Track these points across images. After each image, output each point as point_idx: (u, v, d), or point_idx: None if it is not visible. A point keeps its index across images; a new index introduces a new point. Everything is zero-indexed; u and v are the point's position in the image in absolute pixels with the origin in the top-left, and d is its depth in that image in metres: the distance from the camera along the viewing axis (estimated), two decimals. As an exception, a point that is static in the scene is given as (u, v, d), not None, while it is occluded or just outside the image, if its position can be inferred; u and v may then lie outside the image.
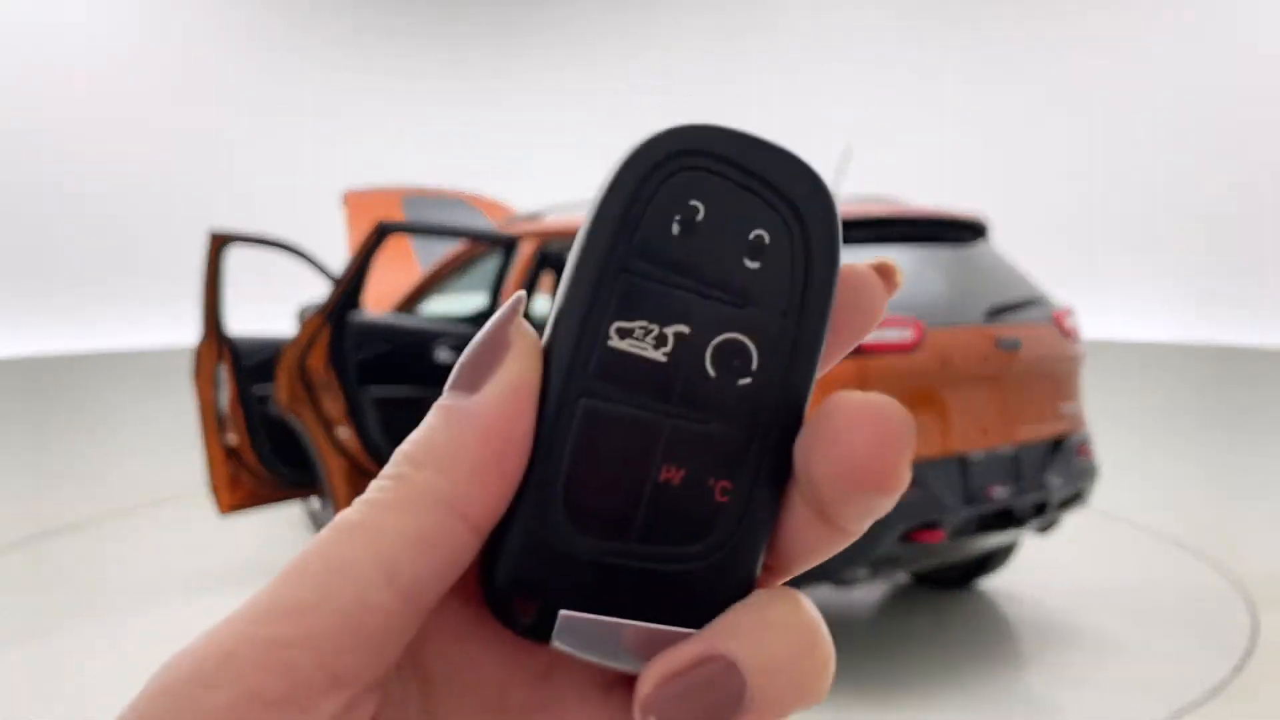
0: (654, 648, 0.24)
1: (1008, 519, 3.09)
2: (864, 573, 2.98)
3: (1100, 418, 4.56)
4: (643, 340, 0.24)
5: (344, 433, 3.53)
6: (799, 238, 0.25)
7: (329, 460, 3.54)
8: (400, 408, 3.77)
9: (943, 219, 3.46)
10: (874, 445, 0.23)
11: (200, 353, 3.81)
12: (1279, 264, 12.80)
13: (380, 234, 3.43)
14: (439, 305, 4.51)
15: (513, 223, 4.40)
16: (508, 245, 3.95)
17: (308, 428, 3.55)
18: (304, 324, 3.58)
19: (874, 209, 3.37)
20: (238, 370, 3.80)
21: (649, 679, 0.24)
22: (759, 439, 0.24)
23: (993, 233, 3.68)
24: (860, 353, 2.89)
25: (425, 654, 0.25)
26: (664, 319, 0.24)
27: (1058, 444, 3.30)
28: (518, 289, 3.10)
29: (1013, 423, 3.16)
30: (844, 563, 2.88)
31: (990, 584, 3.85)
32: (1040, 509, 3.17)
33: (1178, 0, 13.49)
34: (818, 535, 0.25)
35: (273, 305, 8.65)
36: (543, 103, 16.09)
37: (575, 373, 0.24)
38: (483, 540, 0.24)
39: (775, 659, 0.23)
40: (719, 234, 0.25)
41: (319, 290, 5.66)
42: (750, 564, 0.25)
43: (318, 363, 3.51)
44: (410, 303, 4.46)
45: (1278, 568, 4.07)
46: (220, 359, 3.80)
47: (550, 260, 3.56)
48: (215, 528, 4.51)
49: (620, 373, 0.24)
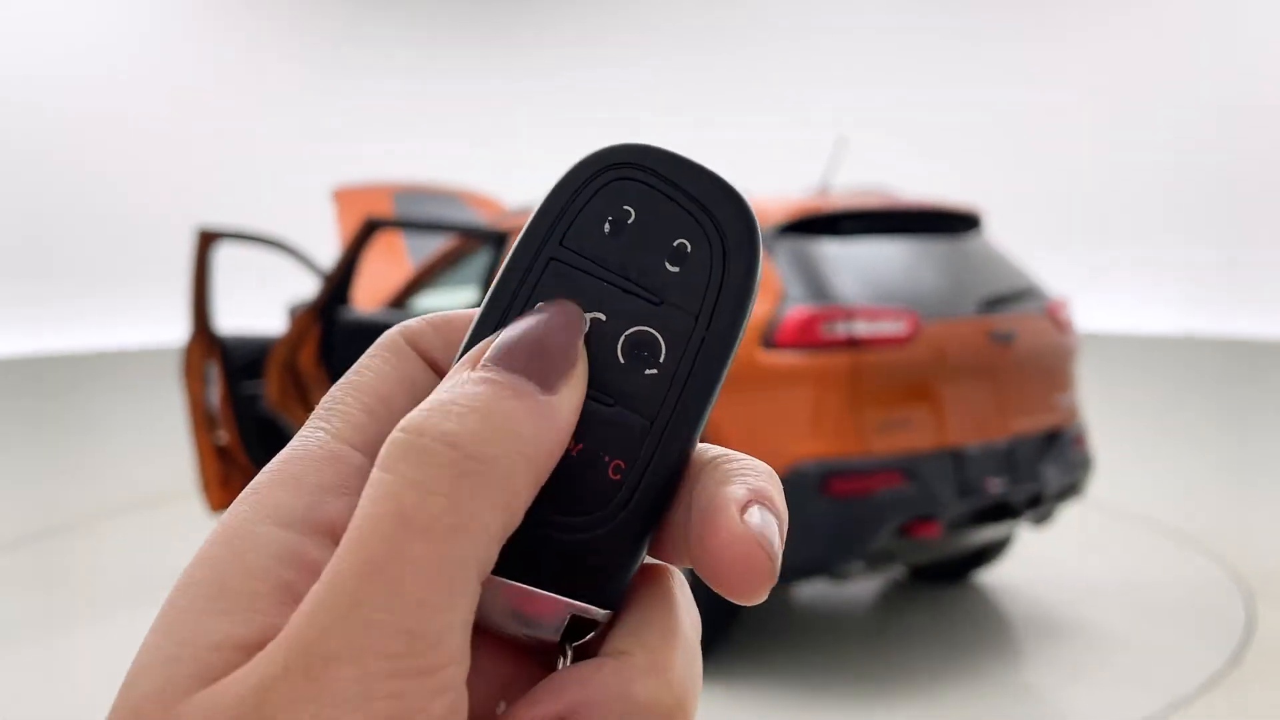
0: (556, 616, 0.25)
1: (1003, 511, 3.08)
2: (860, 567, 2.96)
3: (1099, 410, 4.56)
4: None
5: (335, 430, 3.49)
6: (719, 251, 0.26)
7: (320, 458, 3.51)
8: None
9: (936, 210, 3.45)
10: (743, 578, 0.24)
11: (189, 351, 3.78)
12: (1278, 256, 12.82)
13: (369, 229, 3.41)
14: (430, 301, 4.48)
15: (504, 218, 4.38)
16: (499, 240, 3.93)
17: (298, 425, 3.52)
18: (294, 321, 3.56)
19: (867, 201, 3.35)
20: (227, 368, 3.77)
21: None
22: (657, 428, 0.25)
23: (987, 224, 3.67)
24: (855, 346, 2.87)
25: None
26: (584, 304, 0.26)
27: (1053, 436, 3.29)
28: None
29: (1007, 415, 3.15)
30: (840, 557, 2.87)
31: (986, 577, 3.85)
32: (1035, 501, 3.16)
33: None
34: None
35: (262, 300, 8.61)
36: (534, 98, 16.06)
37: None
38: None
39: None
40: (646, 237, 0.27)
41: (310, 287, 5.63)
42: (635, 543, 0.25)
43: (308, 360, 3.48)
44: (402, 299, 4.43)
45: (1275, 561, 4.07)
46: (210, 357, 3.77)
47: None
48: (212, 526, 4.48)
49: None
